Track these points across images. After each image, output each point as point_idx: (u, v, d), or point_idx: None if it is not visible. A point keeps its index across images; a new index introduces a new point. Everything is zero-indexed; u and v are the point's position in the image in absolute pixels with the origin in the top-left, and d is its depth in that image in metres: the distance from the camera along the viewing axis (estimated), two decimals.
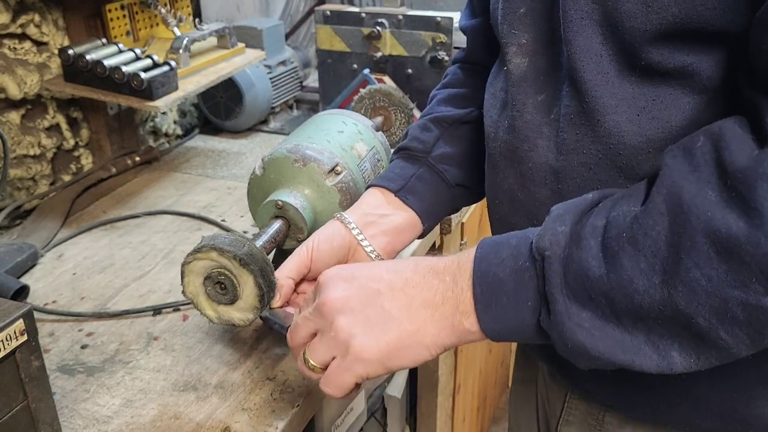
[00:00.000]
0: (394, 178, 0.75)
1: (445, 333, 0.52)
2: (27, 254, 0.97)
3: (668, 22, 0.48)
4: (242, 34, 1.44)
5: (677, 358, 0.46)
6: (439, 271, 0.53)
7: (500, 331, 0.51)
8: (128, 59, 1.11)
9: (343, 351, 0.53)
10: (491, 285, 0.50)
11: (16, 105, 1.12)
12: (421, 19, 1.36)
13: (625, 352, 0.47)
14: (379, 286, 0.54)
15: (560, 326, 0.48)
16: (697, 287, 0.43)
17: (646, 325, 0.46)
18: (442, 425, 1.42)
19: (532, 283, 0.49)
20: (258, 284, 0.66)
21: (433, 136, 0.77)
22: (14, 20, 1.08)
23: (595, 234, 0.47)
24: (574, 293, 0.47)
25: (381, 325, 0.52)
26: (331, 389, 0.55)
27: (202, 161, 1.37)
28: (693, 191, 0.44)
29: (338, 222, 0.71)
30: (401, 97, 1.24)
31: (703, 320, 0.44)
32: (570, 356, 0.49)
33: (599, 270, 0.46)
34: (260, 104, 1.48)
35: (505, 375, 2.06)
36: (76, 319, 0.87)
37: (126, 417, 0.71)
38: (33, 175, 1.16)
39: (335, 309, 0.54)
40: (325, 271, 0.57)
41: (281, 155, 0.81)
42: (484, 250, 0.52)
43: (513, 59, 0.60)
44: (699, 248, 0.43)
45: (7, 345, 0.57)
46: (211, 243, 0.66)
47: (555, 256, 0.48)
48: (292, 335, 0.58)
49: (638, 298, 0.45)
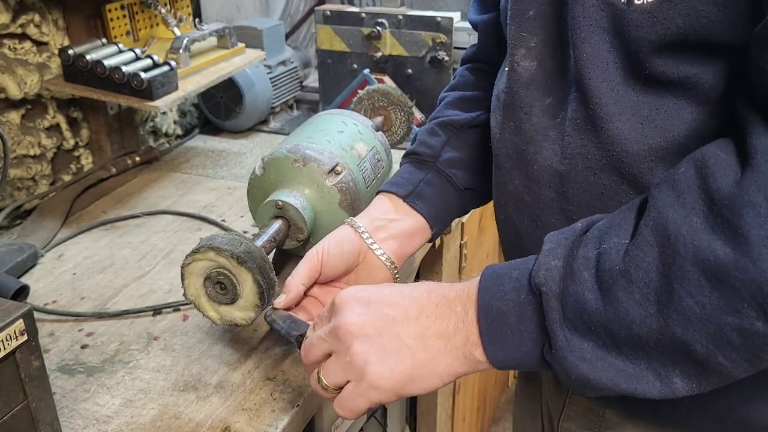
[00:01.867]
0: (402, 184, 0.75)
1: (458, 363, 0.53)
2: (27, 254, 0.97)
3: (672, 33, 0.48)
4: (242, 34, 1.44)
5: (679, 383, 0.46)
6: (451, 301, 0.54)
7: (507, 362, 0.52)
8: (128, 59, 1.11)
9: (359, 377, 0.54)
10: (495, 318, 0.51)
11: (16, 105, 1.12)
12: (421, 19, 1.36)
13: (628, 381, 0.47)
14: (395, 313, 0.54)
15: (563, 360, 0.48)
16: (691, 315, 0.44)
17: (647, 354, 0.46)
18: (442, 425, 1.42)
19: (534, 317, 0.50)
20: (257, 281, 0.66)
21: (441, 140, 0.77)
22: (14, 20, 1.08)
23: (588, 266, 0.48)
24: (574, 326, 0.48)
25: (396, 354, 0.53)
26: (345, 412, 0.56)
27: (202, 161, 1.37)
28: (678, 220, 0.44)
29: (348, 227, 0.71)
30: (399, 95, 1.24)
31: (701, 347, 0.44)
32: (574, 387, 0.50)
33: (596, 303, 0.47)
34: (260, 104, 1.48)
35: (505, 375, 2.06)
36: (76, 319, 0.87)
37: (126, 417, 0.71)
38: (33, 175, 1.16)
39: (351, 334, 0.54)
40: (341, 293, 0.57)
41: (281, 155, 0.81)
42: (487, 282, 0.53)
43: (522, 62, 0.60)
44: (689, 277, 0.43)
45: (7, 345, 0.57)
46: (208, 243, 0.67)
47: (551, 292, 0.48)
48: (306, 353, 0.58)
49: (636, 328, 0.46)
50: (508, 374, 2.09)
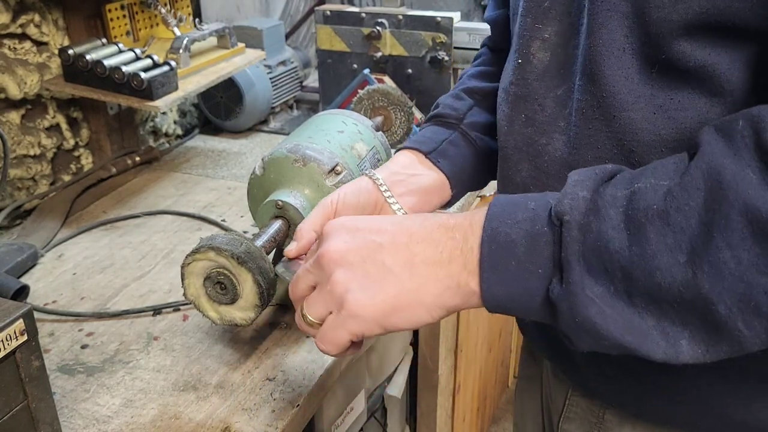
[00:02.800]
0: (425, 141, 0.74)
1: (449, 294, 0.49)
2: (27, 254, 0.97)
3: (694, 13, 0.47)
4: (242, 34, 1.44)
5: (685, 347, 0.44)
6: (449, 228, 0.50)
7: (501, 298, 0.48)
8: (128, 59, 1.11)
9: (338, 306, 0.51)
10: (501, 246, 0.47)
11: (16, 105, 1.12)
12: (421, 19, 1.36)
13: (632, 335, 0.45)
14: (382, 239, 0.51)
15: (573, 297, 0.45)
16: (724, 269, 0.41)
17: (660, 309, 0.44)
18: (442, 425, 1.42)
19: (547, 249, 0.46)
20: (257, 282, 0.66)
21: (467, 104, 0.77)
22: (14, 20, 1.08)
23: (615, 204, 0.45)
24: (589, 264, 0.45)
25: (379, 281, 0.50)
26: (325, 346, 0.53)
27: (202, 161, 1.37)
28: (734, 170, 0.42)
29: (366, 178, 0.68)
30: (400, 95, 1.25)
31: (724, 307, 0.42)
32: (575, 332, 0.47)
33: (620, 242, 0.44)
34: (260, 104, 1.48)
35: (505, 375, 2.06)
36: (76, 319, 0.87)
37: (126, 417, 0.71)
38: (33, 175, 1.16)
39: (333, 261, 0.51)
40: (330, 221, 0.55)
41: (281, 155, 0.81)
42: (498, 208, 0.49)
43: (537, 53, 0.59)
44: (733, 227, 0.41)
45: (7, 345, 0.57)
46: (208, 243, 0.67)
47: (575, 222, 0.45)
48: (292, 287, 0.56)
49: (659, 275, 0.43)
50: (508, 374, 2.09)
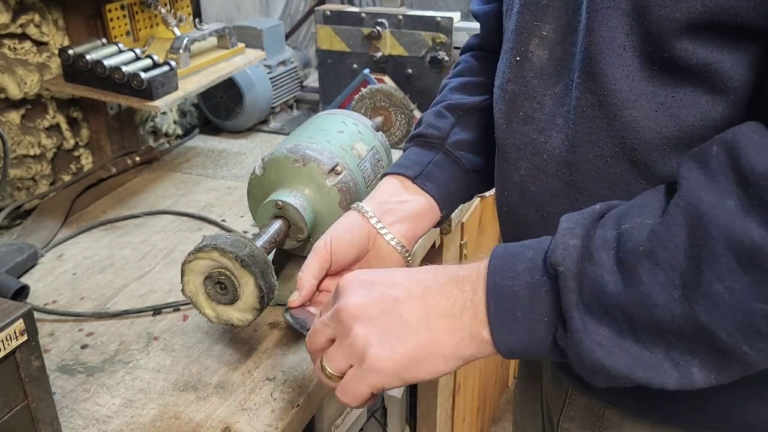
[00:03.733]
0: (410, 165, 0.74)
1: (463, 344, 0.51)
2: (27, 254, 0.97)
3: (697, 12, 0.47)
4: (242, 34, 1.44)
5: (697, 374, 0.45)
6: (459, 281, 0.52)
7: (514, 347, 0.49)
8: (128, 59, 1.11)
9: (359, 360, 0.52)
10: (506, 299, 0.49)
11: (16, 105, 1.12)
12: (421, 19, 1.37)
13: (644, 370, 0.46)
14: (399, 294, 0.52)
15: (578, 344, 0.46)
16: (719, 301, 0.42)
17: (666, 342, 0.45)
18: (442, 425, 1.42)
19: (548, 298, 0.48)
20: (258, 286, 0.66)
21: (449, 122, 0.76)
22: (14, 20, 1.08)
23: (606, 247, 0.46)
24: (590, 309, 0.46)
25: (398, 334, 0.51)
26: (347, 399, 0.54)
27: (202, 161, 1.37)
28: (712, 202, 0.43)
29: (355, 213, 0.69)
30: (402, 98, 1.25)
31: (726, 335, 0.42)
32: (587, 375, 0.48)
33: (615, 285, 0.45)
34: (260, 104, 1.48)
35: (505, 375, 2.06)
36: (76, 319, 0.87)
37: (126, 417, 0.71)
38: (33, 175, 1.16)
39: (352, 316, 0.52)
40: (345, 275, 0.56)
41: (281, 155, 0.81)
42: (498, 262, 0.51)
43: (536, 51, 0.59)
44: (720, 260, 0.42)
45: (7, 345, 0.57)
46: (213, 243, 0.67)
47: (569, 272, 0.46)
48: (310, 340, 0.57)
49: (657, 312, 0.44)
50: (508, 374, 2.09)
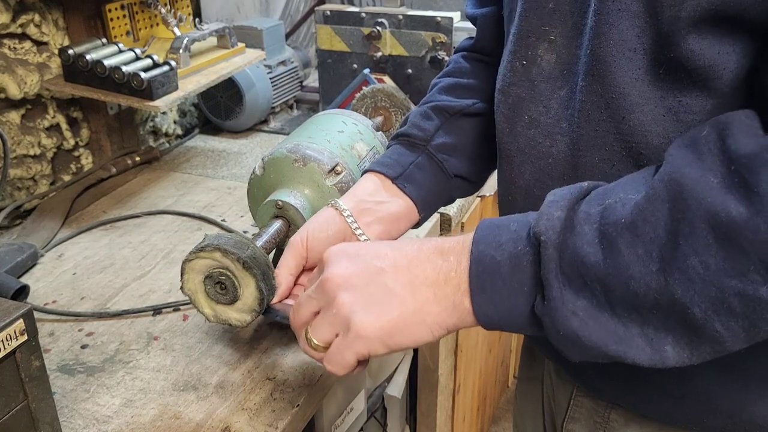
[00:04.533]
0: (392, 165, 0.73)
1: (446, 313, 0.52)
2: (27, 254, 0.97)
3: (703, 9, 0.47)
4: (242, 34, 1.44)
5: (670, 352, 0.45)
6: (444, 251, 0.53)
7: (493, 316, 0.50)
8: (128, 59, 1.11)
9: (345, 328, 0.53)
10: (488, 268, 0.50)
11: (16, 105, 1.12)
12: (421, 19, 1.36)
13: (617, 343, 0.46)
14: (383, 264, 0.53)
15: (554, 312, 0.47)
16: (694, 275, 0.43)
17: (641, 317, 0.45)
18: (442, 425, 1.42)
19: (529, 268, 0.48)
20: (259, 288, 0.66)
21: (434, 124, 0.76)
22: (14, 20, 1.08)
23: (589, 221, 0.47)
24: (569, 279, 0.47)
25: (383, 302, 0.52)
26: (334, 367, 0.54)
27: (202, 161, 1.37)
28: (695, 177, 0.43)
29: (332, 209, 0.70)
30: (403, 99, 1.25)
31: (699, 311, 0.43)
32: (562, 345, 0.48)
33: (595, 256, 0.46)
34: (260, 104, 1.48)
35: (505, 375, 2.06)
36: (76, 319, 0.87)
37: (126, 417, 0.71)
38: (33, 175, 1.16)
39: (337, 285, 0.53)
40: (330, 248, 0.56)
41: (281, 155, 0.81)
42: (483, 232, 0.52)
43: (545, 55, 0.59)
44: (697, 234, 0.42)
45: (7, 345, 0.57)
46: (215, 243, 0.67)
47: (550, 242, 0.47)
48: (294, 314, 0.58)
49: (634, 285, 0.44)
50: (508, 374, 2.09)
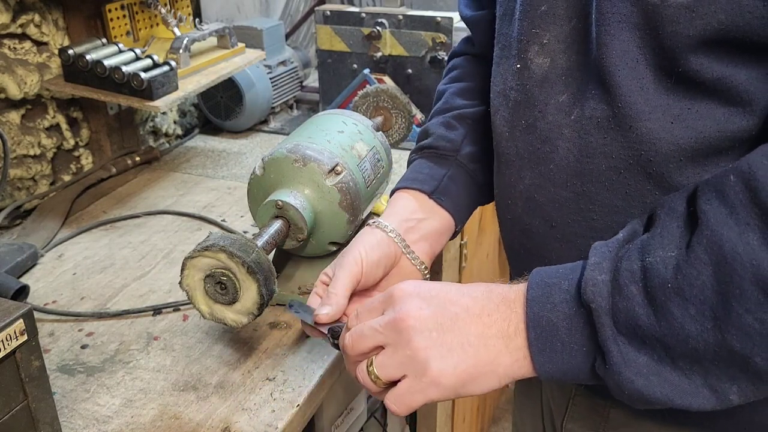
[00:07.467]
0: (425, 180, 0.72)
1: (517, 365, 0.52)
2: (27, 254, 0.97)
3: (713, 29, 0.47)
4: (242, 34, 1.44)
5: (735, 397, 0.47)
6: (511, 302, 0.53)
7: (554, 374, 0.51)
8: (128, 59, 1.11)
9: (419, 373, 0.52)
10: (545, 330, 0.50)
11: (16, 105, 1.12)
12: (421, 19, 1.37)
13: (683, 396, 0.47)
14: (458, 310, 0.53)
15: (617, 375, 0.48)
16: (750, 331, 0.43)
17: (703, 368, 0.46)
18: (442, 425, 1.42)
19: (585, 330, 0.49)
20: (261, 293, 0.66)
21: (460, 134, 0.75)
22: (14, 20, 1.08)
23: (634, 279, 0.48)
24: (627, 339, 0.48)
25: (458, 351, 0.52)
26: (399, 408, 0.54)
27: (202, 161, 1.37)
28: (734, 238, 0.44)
29: (379, 230, 0.68)
30: (406, 102, 1.24)
31: (761, 359, 0.44)
32: (629, 400, 0.50)
33: (648, 318, 0.47)
34: (260, 104, 1.48)
35: None
36: (76, 319, 0.87)
37: (126, 417, 0.71)
38: (33, 175, 1.16)
39: (412, 328, 0.52)
40: (400, 285, 0.56)
41: (281, 155, 0.81)
42: (536, 291, 0.52)
43: (535, 59, 0.59)
44: (748, 296, 0.43)
45: (7, 345, 0.57)
46: (221, 244, 0.66)
47: (601, 309, 0.48)
48: (355, 344, 0.56)
49: (692, 342, 0.45)
50: None
